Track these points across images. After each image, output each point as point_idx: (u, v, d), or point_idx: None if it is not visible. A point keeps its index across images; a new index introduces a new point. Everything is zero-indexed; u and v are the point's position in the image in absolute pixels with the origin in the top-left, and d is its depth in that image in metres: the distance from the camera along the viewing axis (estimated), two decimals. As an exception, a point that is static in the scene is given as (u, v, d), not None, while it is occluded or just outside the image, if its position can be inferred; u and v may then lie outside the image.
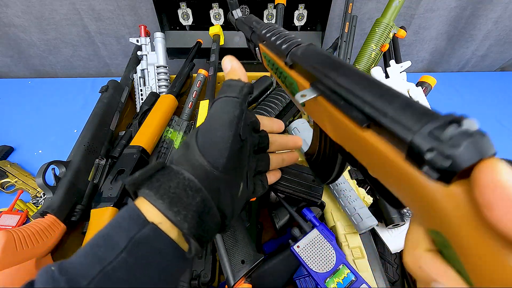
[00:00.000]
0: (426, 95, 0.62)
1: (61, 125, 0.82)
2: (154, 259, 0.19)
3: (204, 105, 0.58)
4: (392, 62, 0.62)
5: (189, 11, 0.78)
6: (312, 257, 0.41)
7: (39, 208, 0.55)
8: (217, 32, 0.71)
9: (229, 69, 0.27)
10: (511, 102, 0.92)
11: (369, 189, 0.51)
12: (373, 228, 0.48)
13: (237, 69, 0.27)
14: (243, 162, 0.25)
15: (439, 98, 0.90)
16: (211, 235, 0.23)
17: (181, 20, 0.79)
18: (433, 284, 0.13)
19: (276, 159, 0.33)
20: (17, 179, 0.67)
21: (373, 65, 0.66)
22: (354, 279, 0.39)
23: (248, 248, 0.41)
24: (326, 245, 0.42)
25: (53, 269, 0.18)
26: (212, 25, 0.76)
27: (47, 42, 0.92)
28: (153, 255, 0.19)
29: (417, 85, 0.63)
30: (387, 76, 0.60)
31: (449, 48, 0.98)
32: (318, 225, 0.44)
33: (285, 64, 0.24)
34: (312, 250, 0.42)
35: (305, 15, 0.80)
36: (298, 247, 0.42)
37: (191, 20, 0.80)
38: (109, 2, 0.82)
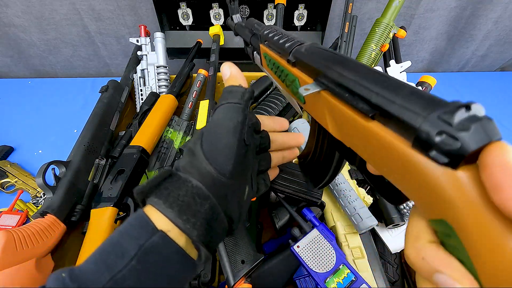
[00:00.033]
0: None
1: (61, 125, 0.82)
2: (163, 266, 0.19)
3: (204, 105, 0.58)
4: (392, 62, 0.62)
5: (189, 11, 0.78)
6: (312, 257, 0.41)
7: (39, 208, 0.55)
8: (217, 32, 0.71)
9: (228, 75, 0.28)
10: (511, 102, 0.92)
11: (369, 189, 0.51)
12: (373, 228, 0.48)
13: (236, 75, 0.27)
14: (248, 166, 0.25)
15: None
16: (219, 240, 0.23)
17: (181, 20, 0.79)
18: (435, 275, 0.12)
19: (277, 157, 0.33)
20: (17, 179, 0.67)
21: (373, 65, 0.66)
22: (354, 279, 0.39)
23: (248, 248, 0.41)
24: (326, 245, 0.42)
25: (64, 275, 0.18)
26: (212, 25, 0.76)
27: (47, 42, 0.92)
28: (162, 262, 0.19)
29: (417, 85, 0.63)
30: (387, 76, 0.60)
31: (449, 48, 0.98)
32: (318, 225, 0.44)
33: (288, 61, 0.24)
34: (312, 250, 0.42)
35: (305, 15, 0.80)
36: (298, 247, 0.42)
37: (191, 20, 0.80)
38: (109, 2, 0.82)
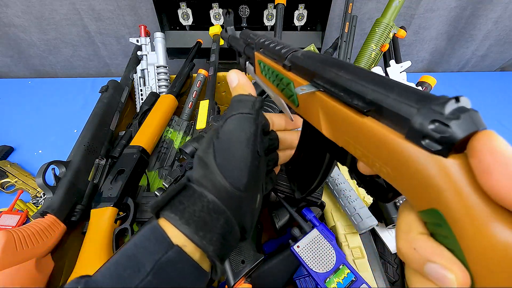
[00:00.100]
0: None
1: (61, 125, 0.82)
2: (177, 281, 0.19)
3: (204, 105, 0.58)
4: (392, 62, 0.62)
5: (189, 11, 0.78)
6: (312, 257, 0.41)
7: (39, 208, 0.55)
8: (217, 32, 0.71)
9: (236, 83, 0.27)
10: (511, 102, 0.92)
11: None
12: (373, 228, 0.48)
13: (245, 83, 0.27)
14: (260, 176, 0.25)
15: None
16: (231, 251, 0.23)
17: (181, 20, 0.79)
18: (426, 265, 0.13)
19: (284, 155, 0.32)
20: (17, 179, 0.67)
21: (373, 65, 0.66)
22: (354, 279, 0.39)
23: (248, 248, 0.41)
24: (326, 245, 0.42)
25: None
26: (212, 25, 0.76)
27: (47, 42, 0.93)
28: (177, 277, 0.19)
29: (417, 85, 0.63)
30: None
31: (449, 48, 0.98)
32: (318, 225, 0.44)
33: (283, 66, 0.25)
34: (312, 250, 0.42)
35: (305, 15, 0.80)
36: (298, 247, 0.42)
37: (191, 20, 0.80)
38: (109, 2, 0.82)
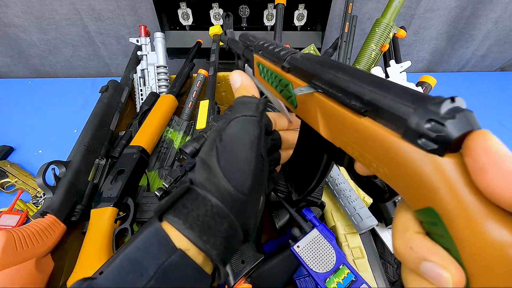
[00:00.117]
0: (426, 95, 0.62)
1: (61, 125, 0.82)
2: (180, 285, 0.19)
3: (204, 105, 0.58)
4: (392, 62, 0.61)
5: (189, 11, 0.78)
6: (312, 257, 0.41)
7: (39, 208, 0.55)
8: (217, 32, 0.71)
9: (239, 84, 0.26)
10: (511, 102, 0.92)
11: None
12: (373, 228, 0.48)
13: (248, 84, 0.26)
14: (264, 178, 0.25)
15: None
16: (234, 253, 0.23)
17: (181, 20, 0.79)
18: (422, 264, 0.13)
19: (287, 154, 0.32)
20: (17, 179, 0.67)
21: (373, 65, 0.66)
22: (354, 279, 0.39)
23: (248, 248, 0.41)
24: (326, 245, 0.42)
25: None
26: (212, 25, 0.76)
27: (47, 42, 0.93)
28: (180, 281, 0.19)
29: (417, 85, 0.63)
30: (387, 76, 0.61)
31: (449, 48, 0.98)
32: (318, 225, 0.44)
33: (282, 68, 0.25)
34: (312, 250, 0.42)
35: (305, 15, 0.80)
36: (298, 247, 0.42)
37: (191, 20, 0.80)
38: (109, 2, 0.82)
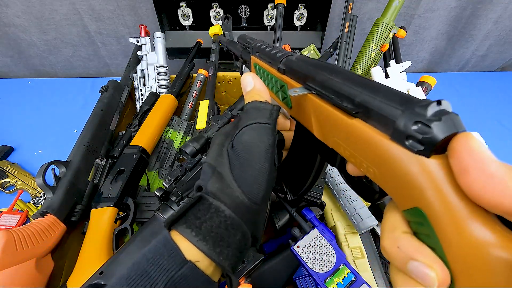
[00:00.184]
0: (426, 95, 0.62)
1: (61, 125, 0.82)
2: None
3: (204, 105, 0.58)
4: (392, 62, 0.61)
5: (189, 11, 0.78)
6: (312, 257, 0.41)
7: (39, 208, 0.55)
8: (217, 32, 0.71)
9: (251, 88, 0.25)
10: (511, 102, 0.92)
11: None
12: (373, 228, 0.48)
13: (261, 89, 0.25)
14: (273, 185, 0.24)
15: (439, 98, 0.89)
16: (242, 259, 0.23)
17: (181, 20, 0.79)
18: (409, 263, 0.13)
19: (284, 154, 0.32)
20: (17, 179, 0.67)
21: (373, 65, 0.66)
22: (354, 279, 0.39)
23: (248, 248, 0.41)
24: (326, 245, 0.42)
25: None
26: (212, 25, 0.76)
27: (47, 42, 0.93)
28: None
29: (417, 85, 0.63)
30: (387, 76, 0.60)
31: (449, 48, 0.98)
32: (318, 225, 0.44)
33: (278, 69, 0.26)
34: (312, 250, 0.42)
35: (305, 15, 0.80)
36: (298, 247, 0.42)
37: (191, 20, 0.80)
38: (109, 2, 0.82)
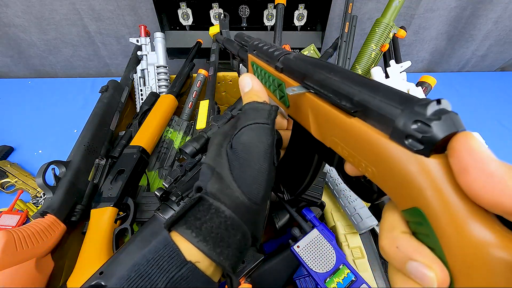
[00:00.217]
0: (426, 95, 0.62)
1: (61, 125, 0.82)
2: None
3: (204, 105, 0.58)
4: (392, 62, 0.61)
5: (189, 11, 0.78)
6: (312, 257, 0.41)
7: (39, 208, 0.55)
8: (217, 32, 0.71)
9: (249, 88, 0.25)
10: (511, 102, 0.92)
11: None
12: (373, 228, 0.48)
13: (259, 89, 0.25)
14: (272, 185, 0.24)
15: (439, 98, 0.90)
16: (242, 259, 0.23)
17: (181, 20, 0.79)
18: (408, 264, 0.13)
19: (282, 154, 0.32)
20: (17, 179, 0.67)
21: (373, 65, 0.66)
22: (354, 279, 0.39)
23: (248, 248, 0.41)
24: (326, 245, 0.42)
25: None
26: (212, 25, 0.76)
27: (47, 42, 0.93)
28: None
29: (417, 85, 0.63)
30: (387, 76, 0.60)
31: (449, 48, 0.98)
32: (318, 225, 0.44)
33: (276, 68, 0.26)
34: (312, 250, 0.42)
35: (305, 15, 0.80)
36: (298, 247, 0.42)
37: (191, 20, 0.80)
38: (109, 2, 0.82)
